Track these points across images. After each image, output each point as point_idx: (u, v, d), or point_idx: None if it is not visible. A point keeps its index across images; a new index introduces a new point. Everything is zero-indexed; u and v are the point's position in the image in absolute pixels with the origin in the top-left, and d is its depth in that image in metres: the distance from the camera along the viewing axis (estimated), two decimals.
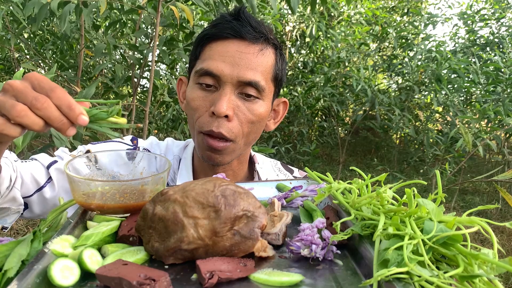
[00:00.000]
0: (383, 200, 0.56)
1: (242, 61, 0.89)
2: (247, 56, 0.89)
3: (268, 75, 0.93)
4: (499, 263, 0.44)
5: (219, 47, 0.91)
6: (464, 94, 4.74)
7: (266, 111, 0.95)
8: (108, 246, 0.56)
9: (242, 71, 0.88)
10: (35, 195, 0.91)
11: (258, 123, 0.94)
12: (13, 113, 0.55)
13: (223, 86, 0.89)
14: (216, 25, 0.93)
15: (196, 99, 0.91)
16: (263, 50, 0.92)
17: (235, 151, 0.94)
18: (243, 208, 0.54)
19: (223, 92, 0.88)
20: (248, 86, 0.90)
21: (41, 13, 1.77)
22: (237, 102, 0.90)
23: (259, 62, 0.91)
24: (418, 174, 5.37)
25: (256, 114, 0.92)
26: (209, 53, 0.91)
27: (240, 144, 0.94)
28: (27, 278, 0.45)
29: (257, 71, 0.90)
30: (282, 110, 1.06)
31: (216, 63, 0.89)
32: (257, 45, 0.91)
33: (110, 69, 4.12)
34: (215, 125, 0.88)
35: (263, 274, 0.49)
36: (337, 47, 4.85)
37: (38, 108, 0.55)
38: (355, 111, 5.25)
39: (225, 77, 0.88)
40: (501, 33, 5.35)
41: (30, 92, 0.56)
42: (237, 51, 0.89)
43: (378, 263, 0.46)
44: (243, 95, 0.91)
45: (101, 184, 0.64)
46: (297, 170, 1.16)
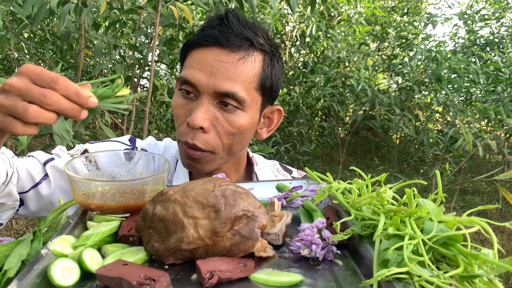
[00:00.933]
0: (383, 200, 0.56)
1: (220, 70, 0.85)
2: (225, 66, 0.85)
3: (250, 85, 0.88)
4: (499, 263, 0.44)
5: (199, 54, 0.87)
6: (464, 94, 4.74)
7: (248, 122, 0.90)
8: (108, 246, 0.56)
9: (218, 82, 0.84)
10: (31, 191, 0.90)
11: (239, 134, 0.90)
12: (28, 116, 0.56)
13: (200, 96, 0.86)
14: (202, 30, 0.90)
15: (177, 106, 0.90)
16: (245, 58, 0.87)
17: (216, 160, 0.91)
18: (243, 208, 0.54)
19: (200, 103, 0.86)
20: (225, 97, 0.86)
21: (41, 12, 1.77)
22: (216, 113, 0.87)
23: (238, 72, 0.86)
24: (418, 174, 5.37)
25: (236, 126, 0.88)
26: (190, 60, 0.89)
27: (221, 155, 0.91)
28: (27, 278, 0.45)
29: (236, 81, 0.85)
30: (276, 118, 1.02)
31: (193, 72, 0.86)
32: (237, 53, 0.86)
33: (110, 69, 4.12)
34: (190, 137, 0.86)
35: (263, 274, 0.49)
36: (337, 47, 4.85)
37: (48, 103, 0.56)
38: (355, 111, 5.25)
39: (202, 87, 0.85)
40: (501, 33, 5.35)
41: (35, 89, 0.56)
42: (215, 60, 0.85)
43: (378, 263, 0.46)
44: (222, 105, 0.87)
45: (101, 184, 0.64)
46: (296, 170, 1.15)
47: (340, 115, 5.75)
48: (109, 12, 2.72)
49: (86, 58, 3.19)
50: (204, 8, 2.06)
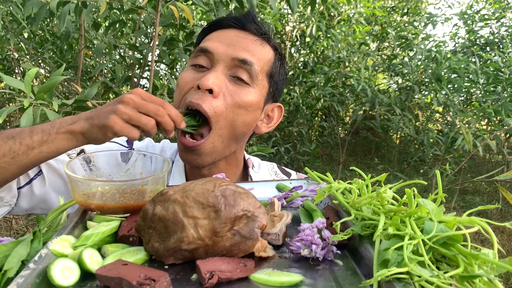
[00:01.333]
0: (383, 200, 0.56)
1: (239, 43, 0.88)
2: (245, 41, 0.89)
3: (263, 66, 0.90)
4: (499, 263, 0.44)
5: (219, 32, 0.91)
6: (464, 94, 4.74)
7: (255, 100, 0.90)
8: (108, 246, 0.56)
9: (237, 50, 0.87)
10: (25, 187, 0.89)
11: (244, 110, 0.88)
12: (148, 125, 0.73)
13: (215, 65, 0.87)
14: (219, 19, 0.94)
15: (185, 77, 0.89)
16: (263, 43, 0.91)
17: (215, 146, 0.88)
18: (243, 208, 0.54)
19: (214, 69, 0.86)
20: (241, 68, 0.87)
21: (41, 12, 1.77)
22: (226, 82, 0.87)
23: (256, 49, 0.89)
24: (418, 174, 5.37)
25: (244, 100, 0.87)
26: (209, 37, 0.92)
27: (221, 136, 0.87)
28: (27, 278, 0.45)
29: (254, 55, 0.88)
30: (276, 116, 1.02)
31: (212, 42, 0.88)
32: (257, 37, 0.91)
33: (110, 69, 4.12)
34: (195, 97, 0.84)
35: (263, 274, 0.49)
36: (337, 47, 4.85)
37: (160, 115, 0.74)
38: (355, 111, 5.25)
39: (219, 54, 0.87)
40: (501, 33, 5.35)
41: (150, 106, 0.74)
42: (235, 36, 0.89)
43: (378, 263, 0.46)
44: (234, 78, 0.88)
45: (101, 184, 0.64)
46: (295, 173, 1.13)
47: (340, 115, 5.75)
48: (109, 12, 2.72)
49: (86, 58, 3.19)
50: (204, 8, 2.06)
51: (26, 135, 0.74)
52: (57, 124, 0.76)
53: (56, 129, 0.74)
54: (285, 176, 1.11)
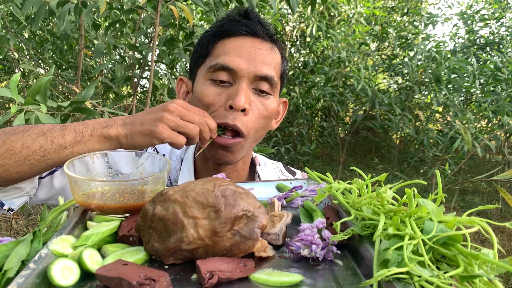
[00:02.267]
0: (383, 200, 0.56)
1: (258, 56, 0.91)
2: (262, 52, 0.91)
3: (278, 72, 0.96)
4: (499, 263, 0.44)
5: (233, 43, 0.92)
6: (464, 94, 4.74)
7: (276, 106, 0.97)
8: (108, 246, 0.56)
9: (258, 66, 0.90)
10: (46, 178, 0.91)
11: (269, 118, 0.96)
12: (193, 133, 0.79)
13: (239, 81, 0.90)
14: (224, 24, 0.94)
15: (209, 94, 0.91)
16: (273, 47, 0.95)
17: (244, 147, 0.94)
18: (243, 208, 0.54)
19: (240, 87, 0.89)
20: (263, 81, 0.91)
21: (40, 12, 1.76)
22: (252, 97, 0.92)
23: (272, 58, 0.93)
24: (418, 174, 5.37)
25: (269, 110, 0.94)
26: (223, 49, 0.92)
27: (249, 141, 0.94)
28: (27, 278, 0.45)
29: (271, 66, 0.92)
30: (282, 110, 1.08)
31: (232, 58, 0.90)
32: (268, 42, 0.94)
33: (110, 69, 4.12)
34: (231, 118, 0.88)
35: (263, 274, 0.49)
36: (337, 47, 4.85)
37: (202, 124, 0.80)
38: (355, 111, 5.25)
39: (242, 71, 0.89)
40: (501, 33, 5.35)
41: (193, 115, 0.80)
42: (252, 47, 0.91)
43: (378, 263, 0.46)
44: (257, 91, 0.92)
45: (101, 184, 0.64)
46: (300, 172, 1.16)
47: (340, 115, 5.75)
48: (109, 12, 2.72)
49: (86, 58, 3.19)
50: (204, 8, 2.06)
51: (58, 134, 0.77)
52: (90, 125, 0.79)
53: (90, 130, 0.78)
54: (291, 174, 1.15)
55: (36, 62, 3.11)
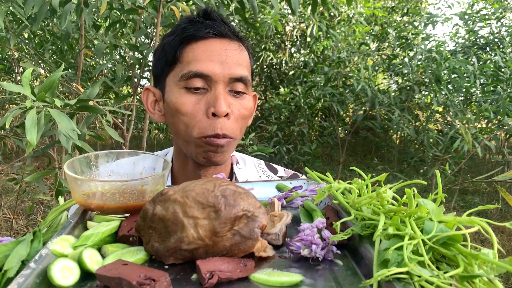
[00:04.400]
0: (383, 200, 0.56)
1: (229, 58, 0.89)
2: (233, 53, 0.90)
3: (250, 70, 0.95)
4: (499, 263, 0.44)
5: (202, 47, 0.89)
6: (464, 94, 4.73)
7: (253, 104, 0.98)
8: (108, 246, 0.56)
9: (232, 68, 0.88)
10: None
11: (248, 117, 0.96)
12: None
13: (215, 86, 0.88)
14: (187, 28, 0.90)
15: (187, 104, 0.88)
16: (241, 46, 0.93)
17: (233, 147, 0.95)
18: (243, 208, 0.54)
19: (217, 92, 0.87)
20: (238, 82, 0.90)
21: (42, 11, 1.76)
22: (230, 99, 0.90)
23: (243, 57, 0.92)
24: (418, 174, 5.36)
25: (247, 109, 0.93)
26: (193, 54, 0.88)
27: (237, 141, 0.95)
28: (27, 278, 0.45)
29: (244, 66, 0.91)
30: (254, 104, 1.05)
31: (205, 63, 0.87)
32: (236, 41, 0.92)
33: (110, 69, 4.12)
34: (219, 127, 0.87)
35: (263, 274, 0.49)
36: (337, 47, 4.85)
37: None
38: (355, 111, 5.25)
39: (217, 76, 0.87)
40: (502, 33, 5.35)
41: None
42: (222, 49, 0.89)
43: (378, 263, 0.46)
44: (232, 92, 0.91)
45: (101, 184, 0.64)
46: (283, 169, 1.14)
47: (341, 115, 5.75)
48: (109, 12, 2.72)
49: (86, 58, 3.19)
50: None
51: None
52: None
53: None
54: (272, 173, 1.13)
55: (36, 62, 3.11)
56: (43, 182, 4.33)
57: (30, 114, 1.02)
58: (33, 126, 1.01)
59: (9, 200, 4.27)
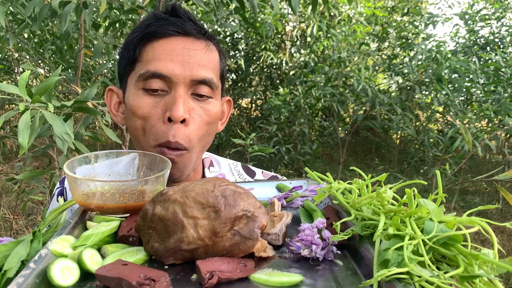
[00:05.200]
0: (383, 200, 0.56)
1: (192, 58, 0.82)
2: (196, 53, 0.82)
3: (217, 72, 0.88)
4: (500, 263, 0.44)
5: (163, 46, 0.82)
6: (465, 94, 4.73)
7: (219, 110, 0.89)
8: (107, 246, 0.56)
9: (194, 69, 0.81)
10: None
11: (213, 124, 0.88)
12: None
13: (175, 88, 0.81)
14: (151, 24, 0.84)
15: (144, 106, 0.82)
16: (209, 46, 0.86)
17: (191, 160, 0.86)
18: (243, 208, 0.54)
19: (177, 94, 0.80)
20: (201, 84, 0.83)
21: (42, 12, 1.76)
22: (192, 104, 0.83)
23: (209, 58, 0.84)
24: (418, 174, 5.36)
25: (211, 115, 0.86)
26: (153, 53, 0.82)
27: (196, 152, 0.86)
28: (27, 278, 0.45)
29: (208, 67, 0.84)
30: (227, 109, 0.99)
31: (164, 63, 0.80)
32: (202, 40, 0.85)
33: (110, 69, 4.12)
34: (172, 134, 0.80)
35: (263, 274, 0.49)
36: (337, 47, 4.85)
37: None
38: (355, 111, 5.25)
39: (177, 77, 0.80)
40: (502, 33, 5.35)
41: None
42: (184, 49, 0.82)
43: (378, 263, 0.46)
44: (196, 96, 0.84)
45: (101, 184, 0.64)
46: (261, 171, 1.09)
47: (341, 115, 5.75)
48: (108, 12, 2.72)
49: (85, 58, 3.19)
50: (204, 8, 2.06)
51: None
52: None
53: None
54: (249, 176, 1.07)
55: (36, 62, 3.11)
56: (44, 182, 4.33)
57: (23, 117, 1.02)
58: (25, 129, 1.00)
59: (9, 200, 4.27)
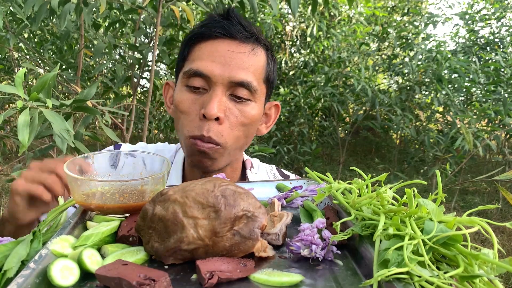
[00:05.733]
0: (383, 200, 0.56)
1: (233, 60, 0.85)
2: (239, 56, 0.86)
3: (260, 76, 0.90)
4: (499, 263, 0.44)
5: (209, 46, 0.87)
6: (465, 94, 4.73)
7: (258, 113, 0.92)
8: (107, 246, 0.56)
9: (233, 71, 0.85)
10: None
11: (250, 126, 0.91)
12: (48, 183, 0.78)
13: (213, 87, 0.85)
14: (204, 25, 0.90)
15: (184, 101, 0.88)
16: (255, 49, 0.89)
17: (224, 155, 0.90)
18: (243, 208, 0.54)
19: (214, 94, 0.85)
20: (240, 87, 0.86)
21: (41, 11, 1.76)
22: (228, 104, 0.87)
23: (251, 61, 0.87)
24: (418, 174, 5.36)
25: (248, 117, 0.89)
26: (198, 53, 0.88)
27: (230, 149, 0.90)
28: (27, 278, 0.45)
29: (249, 71, 0.87)
30: (274, 114, 1.03)
31: (205, 63, 0.85)
32: (248, 44, 0.88)
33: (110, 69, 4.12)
34: (206, 129, 0.85)
35: (263, 274, 0.49)
36: (337, 47, 4.85)
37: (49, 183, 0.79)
38: (355, 111, 5.25)
39: (216, 77, 0.85)
40: (502, 33, 5.34)
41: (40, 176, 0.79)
42: (227, 51, 0.86)
43: (378, 263, 0.46)
44: (234, 97, 0.87)
45: (101, 184, 0.64)
46: (294, 175, 1.13)
47: (341, 115, 5.75)
48: (108, 12, 2.72)
49: (86, 58, 3.19)
50: (204, 8, 2.06)
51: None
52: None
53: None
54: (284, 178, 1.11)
55: (36, 62, 3.11)
56: None
57: (22, 115, 1.02)
58: (25, 127, 1.01)
59: None
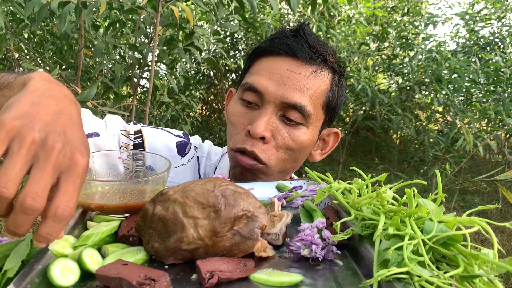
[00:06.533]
0: (383, 200, 0.56)
1: (290, 81, 0.81)
2: (297, 77, 0.82)
3: (318, 101, 0.85)
4: (499, 263, 0.44)
5: (270, 62, 0.84)
6: (465, 94, 4.73)
7: (309, 139, 0.87)
8: (108, 246, 0.56)
9: (288, 92, 0.81)
10: None
11: (298, 151, 0.87)
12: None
13: (265, 105, 0.83)
14: (272, 39, 0.87)
15: (236, 114, 0.86)
16: (317, 72, 0.84)
17: (267, 175, 0.87)
18: (243, 208, 0.54)
19: (264, 112, 0.82)
20: (292, 109, 0.82)
21: (41, 13, 1.77)
22: (278, 124, 0.83)
23: (309, 84, 0.83)
24: (418, 174, 5.36)
25: (297, 141, 0.85)
26: (258, 67, 0.86)
27: (273, 170, 0.86)
28: (27, 278, 0.45)
29: (305, 94, 0.82)
30: (332, 142, 0.97)
31: (262, 79, 0.83)
32: (310, 66, 0.84)
33: (110, 69, 4.12)
34: (250, 144, 0.83)
35: (263, 274, 0.49)
36: (337, 47, 4.85)
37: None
38: (355, 111, 5.25)
39: (269, 95, 0.82)
40: (502, 33, 5.34)
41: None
42: (286, 70, 0.82)
43: (378, 263, 0.46)
44: (285, 118, 0.84)
45: (101, 184, 0.64)
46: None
47: (341, 115, 5.75)
48: (108, 12, 2.72)
49: (85, 58, 3.19)
50: (204, 8, 2.06)
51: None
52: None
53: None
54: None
55: (36, 62, 3.11)
56: None
57: None
58: None
59: None
